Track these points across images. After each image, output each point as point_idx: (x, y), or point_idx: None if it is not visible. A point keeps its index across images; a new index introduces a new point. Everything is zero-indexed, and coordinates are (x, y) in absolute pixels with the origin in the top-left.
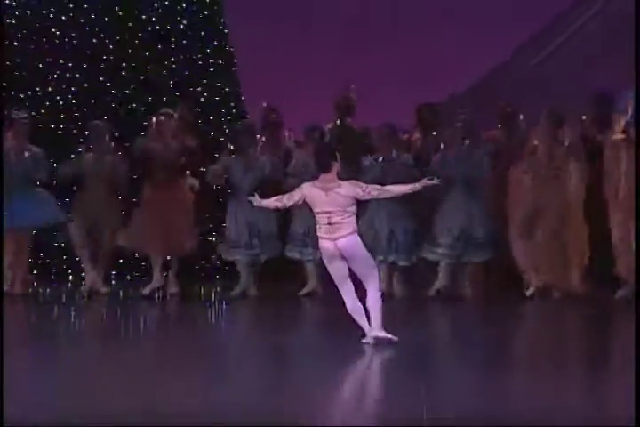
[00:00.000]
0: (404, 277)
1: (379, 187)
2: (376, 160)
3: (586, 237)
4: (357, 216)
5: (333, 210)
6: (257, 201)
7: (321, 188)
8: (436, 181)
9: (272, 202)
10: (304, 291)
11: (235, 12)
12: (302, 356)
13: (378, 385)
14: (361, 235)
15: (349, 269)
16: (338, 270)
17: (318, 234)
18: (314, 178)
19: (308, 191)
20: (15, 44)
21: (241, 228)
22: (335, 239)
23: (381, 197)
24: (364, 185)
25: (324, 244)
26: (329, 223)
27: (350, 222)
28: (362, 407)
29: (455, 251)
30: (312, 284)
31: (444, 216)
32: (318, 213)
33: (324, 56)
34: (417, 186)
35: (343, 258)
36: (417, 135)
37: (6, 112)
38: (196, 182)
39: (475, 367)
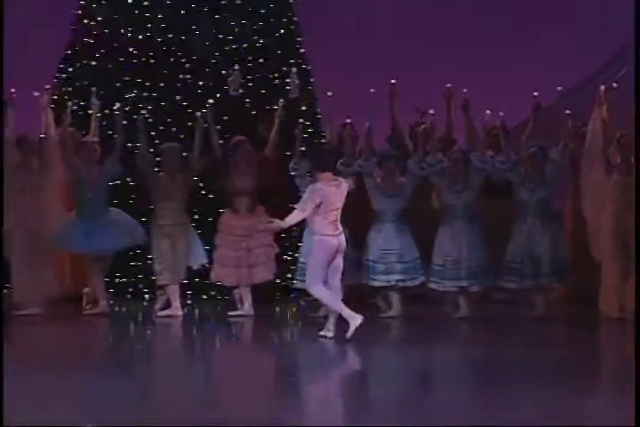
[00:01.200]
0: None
1: None
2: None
3: None
4: None
5: (340, 206)
6: (283, 223)
7: (331, 185)
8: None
9: (295, 216)
10: (390, 313)
11: (311, 30)
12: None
13: None
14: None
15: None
16: (338, 265)
17: (324, 232)
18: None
19: (324, 191)
20: (93, 63)
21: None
22: (338, 235)
23: None
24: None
25: (332, 241)
26: (335, 220)
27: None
28: None
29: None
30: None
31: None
32: (331, 210)
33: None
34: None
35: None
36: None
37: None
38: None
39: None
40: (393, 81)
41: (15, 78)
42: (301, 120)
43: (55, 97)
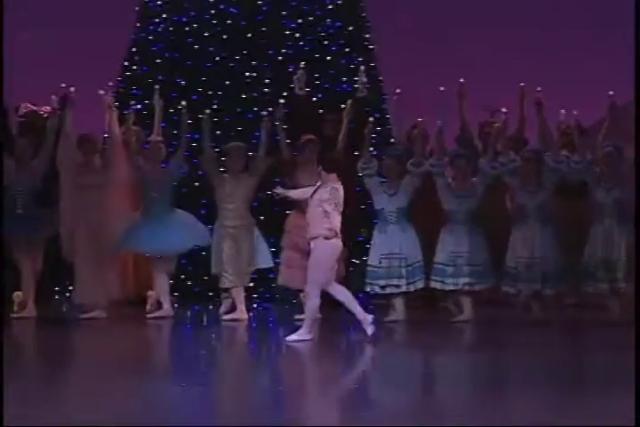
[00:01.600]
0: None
1: None
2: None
3: None
4: None
5: None
6: (288, 192)
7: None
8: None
9: (298, 194)
10: (461, 318)
11: (380, 27)
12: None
13: None
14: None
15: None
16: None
17: (338, 235)
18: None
19: (341, 193)
20: (157, 60)
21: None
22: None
23: None
24: None
25: (339, 243)
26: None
27: None
28: None
29: None
30: (469, 313)
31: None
32: (342, 212)
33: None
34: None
35: None
36: None
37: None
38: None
39: None
40: (462, 80)
41: (78, 77)
42: (371, 119)
43: (119, 95)
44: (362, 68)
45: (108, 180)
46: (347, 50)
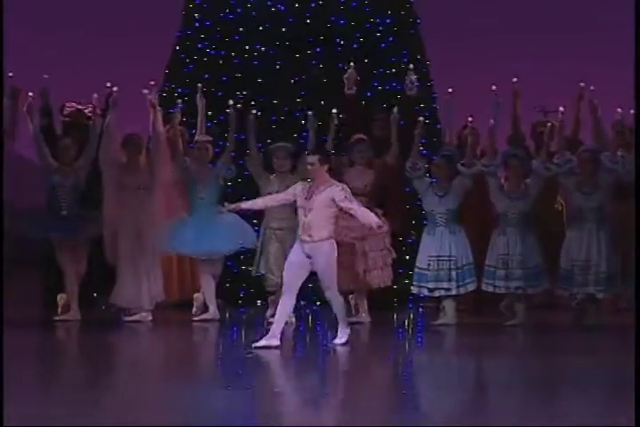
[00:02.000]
0: None
1: None
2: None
3: None
4: None
5: None
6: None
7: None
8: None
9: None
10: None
11: (430, 24)
12: None
13: None
14: None
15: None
16: None
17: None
18: None
19: None
20: (204, 59)
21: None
22: None
23: None
24: None
25: None
26: None
27: None
28: None
29: None
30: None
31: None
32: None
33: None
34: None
35: None
36: None
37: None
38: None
39: None
40: (514, 79)
41: (123, 76)
42: (421, 119)
43: (164, 94)
44: (410, 66)
45: (153, 180)
46: (397, 47)
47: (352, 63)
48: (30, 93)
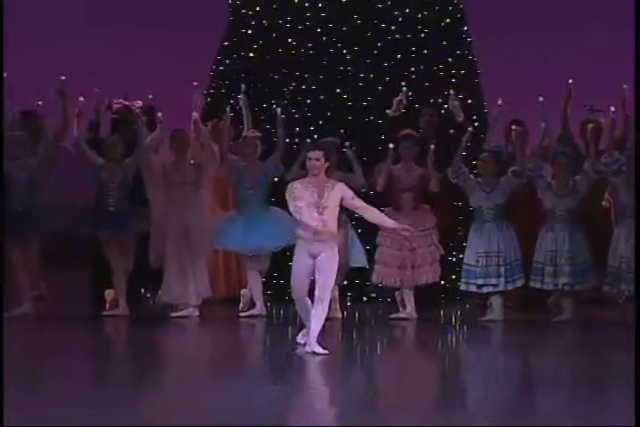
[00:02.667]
0: None
1: None
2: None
3: None
4: None
5: None
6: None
7: None
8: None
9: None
10: (560, 318)
11: (478, 19)
12: None
13: None
14: None
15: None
16: None
17: None
18: None
19: None
20: (251, 54)
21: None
22: None
23: None
24: None
25: None
26: None
27: None
28: None
29: None
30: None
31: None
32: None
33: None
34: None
35: None
36: None
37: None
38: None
39: None
40: (570, 81)
41: (171, 72)
42: (470, 129)
43: (212, 91)
44: (451, 92)
45: (200, 177)
46: (444, 43)
47: (404, 88)
48: (81, 98)
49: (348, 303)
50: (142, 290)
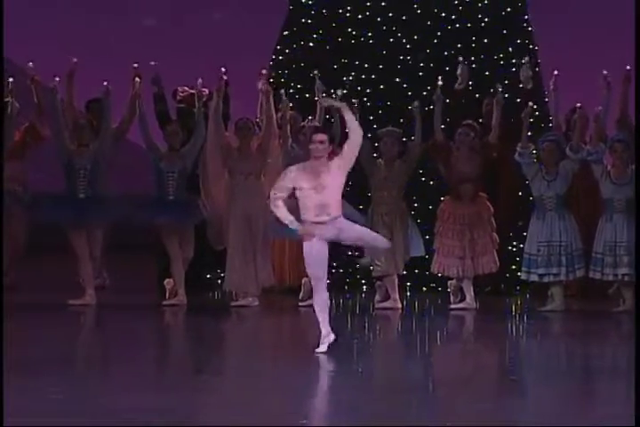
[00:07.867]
0: None
1: None
2: None
3: None
4: None
5: None
6: None
7: None
8: None
9: None
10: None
11: (539, 7)
12: None
13: None
14: None
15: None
16: None
17: None
18: None
19: None
20: (311, 44)
21: None
22: None
23: None
24: None
25: None
26: None
27: None
28: None
29: None
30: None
31: None
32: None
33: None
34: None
35: None
36: None
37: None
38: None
39: None
40: (628, 67)
41: (233, 61)
42: (530, 103)
43: (272, 80)
44: (526, 59)
45: (263, 166)
46: (504, 32)
47: (461, 58)
48: (137, 79)
49: (407, 293)
50: (203, 279)
